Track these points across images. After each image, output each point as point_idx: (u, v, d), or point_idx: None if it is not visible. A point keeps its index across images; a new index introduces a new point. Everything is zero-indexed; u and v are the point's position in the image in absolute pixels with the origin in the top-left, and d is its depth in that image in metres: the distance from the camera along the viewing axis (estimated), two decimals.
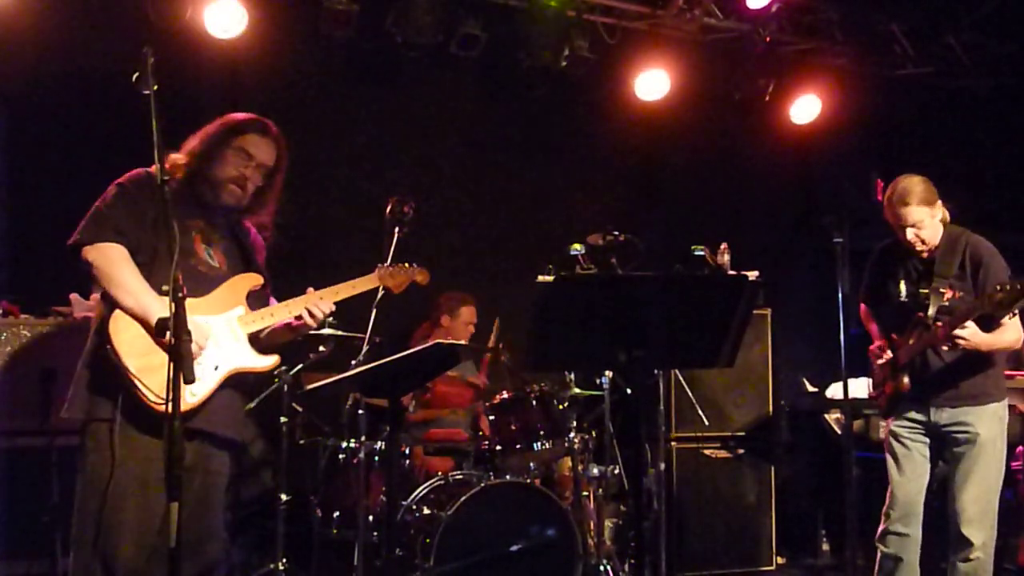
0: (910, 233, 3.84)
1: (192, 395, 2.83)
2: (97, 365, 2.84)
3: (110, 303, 2.83)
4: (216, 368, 2.93)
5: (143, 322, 2.78)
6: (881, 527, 3.93)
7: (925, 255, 3.89)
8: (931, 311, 3.73)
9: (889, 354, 4.00)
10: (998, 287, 3.52)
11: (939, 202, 3.87)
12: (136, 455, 2.76)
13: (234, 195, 3.10)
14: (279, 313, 3.10)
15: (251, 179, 3.11)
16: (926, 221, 3.83)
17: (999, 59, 6.86)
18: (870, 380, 4.18)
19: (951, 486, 3.82)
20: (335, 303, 3.20)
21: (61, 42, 5.22)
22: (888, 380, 3.99)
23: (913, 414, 3.91)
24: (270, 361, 3.09)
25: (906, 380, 3.89)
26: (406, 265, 3.50)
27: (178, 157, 3.09)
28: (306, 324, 3.15)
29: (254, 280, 3.12)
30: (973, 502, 3.74)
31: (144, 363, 2.76)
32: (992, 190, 6.77)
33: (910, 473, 3.90)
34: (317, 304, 3.13)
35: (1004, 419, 3.85)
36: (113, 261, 2.84)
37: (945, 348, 3.73)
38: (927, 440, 3.90)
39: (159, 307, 2.71)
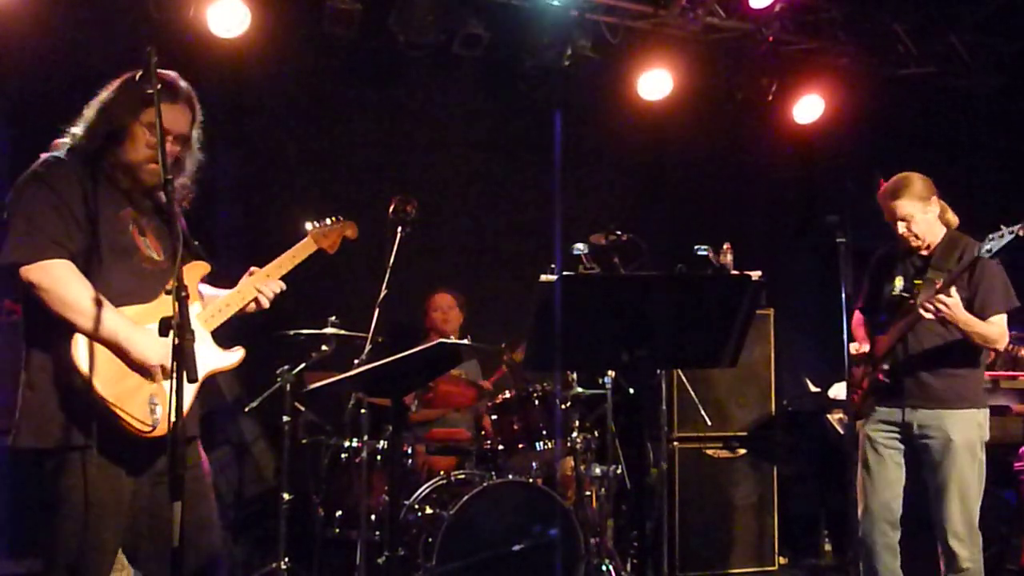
0: (901, 227, 3.84)
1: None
2: (59, 390, 2.61)
3: (62, 324, 2.58)
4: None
5: (109, 345, 2.59)
6: (859, 533, 3.89)
7: (924, 252, 3.88)
8: (920, 298, 3.71)
9: (866, 347, 3.97)
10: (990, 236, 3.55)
11: (934, 199, 3.85)
12: (109, 478, 2.64)
13: (155, 174, 2.72)
14: (234, 301, 2.95)
15: (169, 153, 2.70)
16: (917, 216, 3.82)
17: (1002, 59, 6.85)
18: (846, 383, 4.10)
19: (931, 496, 3.78)
20: (285, 275, 3.06)
21: (63, 42, 5.22)
22: (865, 376, 3.95)
23: (887, 413, 3.87)
24: (237, 356, 2.92)
25: (885, 367, 3.86)
26: (333, 220, 3.34)
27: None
28: (259, 305, 3.00)
29: (202, 269, 2.93)
30: (955, 515, 3.70)
31: (120, 390, 2.60)
32: (995, 189, 6.76)
33: (882, 481, 3.86)
34: (267, 283, 2.98)
35: (983, 426, 3.79)
36: (63, 282, 2.57)
37: (925, 318, 3.65)
38: (902, 447, 3.87)
39: (124, 325, 2.61)
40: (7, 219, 2.66)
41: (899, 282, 3.93)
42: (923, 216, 3.83)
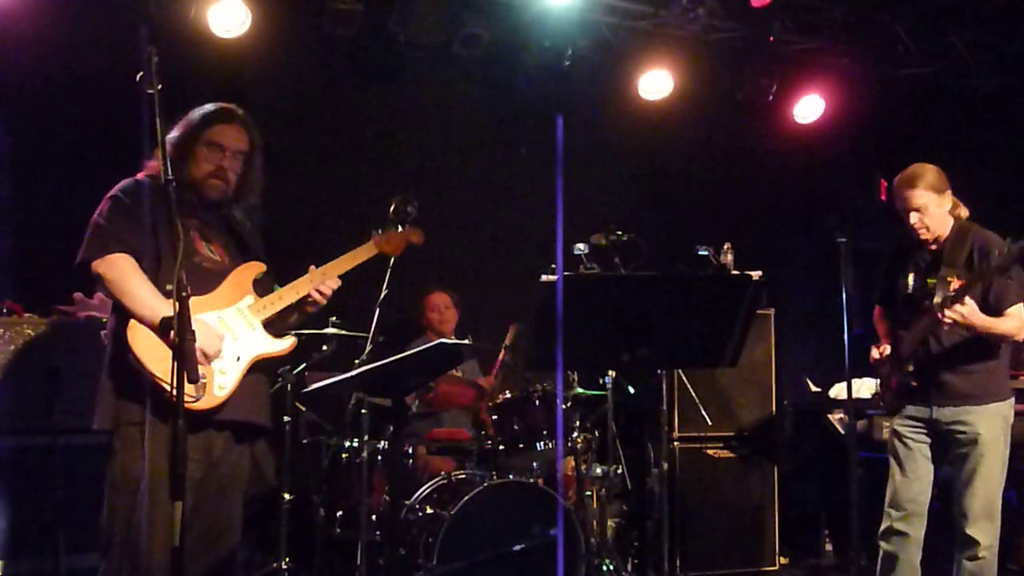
0: (913, 217, 3.81)
1: (220, 388, 2.90)
2: (120, 373, 2.89)
3: (124, 312, 2.87)
4: (239, 359, 2.99)
5: (155, 330, 2.81)
6: (883, 525, 3.93)
7: (933, 247, 3.87)
8: (936, 299, 3.71)
9: (887, 348, 3.99)
10: (997, 252, 3.55)
11: (948, 192, 3.85)
12: (165, 452, 2.73)
13: (217, 189, 3.12)
14: (287, 295, 3.14)
15: (230, 168, 3.13)
16: (931, 208, 3.81)
17: (1003, 58, 6.84)
18: (877, 381, 4.16)
19: (955, 487, 3.81)
20: (339, 277, 3.22)
21: (63, 42, 5.22)
22: (892, 375, 3.98)
23: (915, 411, 3.89)
24: (287, 344, 3.13)
25: (910, 369, 3.88)
26: (399, 228, 3.46)
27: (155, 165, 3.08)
28: (316, 302, 3.18)
29: (257, 268, 3.16)
30: (978, 503, 3.73)
31: (167, 366, 2.73)
32: (997, 189, 6.75)
33: (911, 473, 3.89)
34: (324, 281, 3.16)
35: (1008, 418, 3.83)
36: (122, 272, 2.88)
37: (945, 328, 3.70)
38: (929, 440, 3.88)
39: (171, 311, 2.73)
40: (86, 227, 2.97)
41: (911, 279, 3.93)
42: (936, 209, 3.82)
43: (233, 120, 3.16)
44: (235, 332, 3.01)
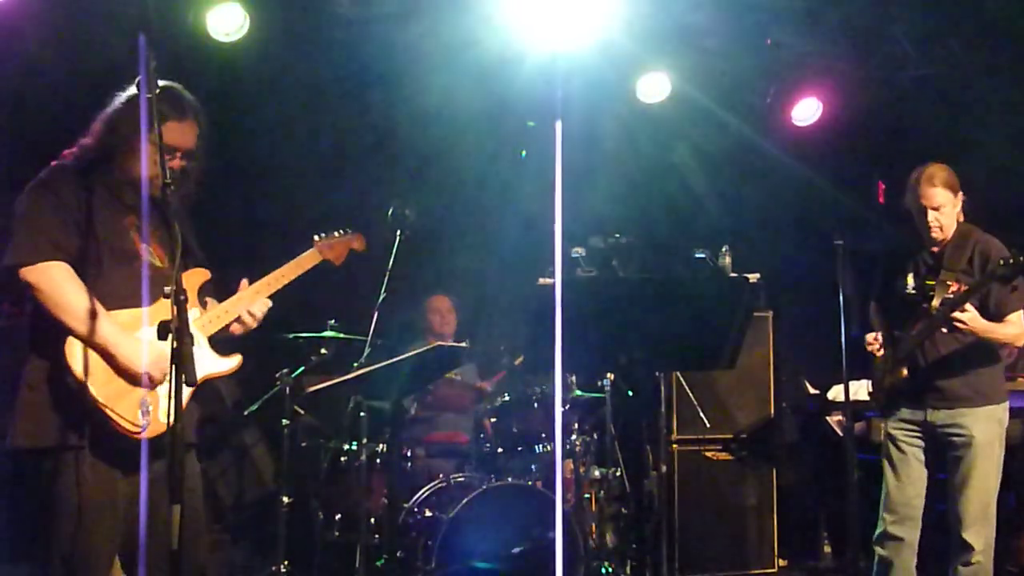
0: (931, 216, 3.81)
1: (167, 415, 2.60)
2: (54, 390, 2.65)
3: (58, 326, 2.63)
4: None
5: (97, 349, 2.63)
6: (877, 530, 3.92)
7: (935, 248, 3.88)
8: (935, 302, 3.72)
9: (880, 337, 3.98)
10: (1000, 260, 3.55)
11: (961, 194, 3.87)
12: (104, 479, 2.66)
13: (160, 188, 2.69)
14: (233, 308, 2.95)
15: (177, 168, 2.82)
16: (947, 208, 3.82)
17: (1003, 62, 6.85)
18: (870, 381, 4.15)
19: (949, 490, 3.81)
20: (287, 284, 3.06)
21: (63, 43, 5.22)
22: (887, 375, 3.97)
23: (909, 414, 3.88)
24: (234, 362, 2.94)
25: (904, 371, 3.87)
26: (340, 233, 3.37)
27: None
28: (246, 324, 2.97)
29: (202, 276, 2.96)
30: (973, 507, 3.73)
31: (111, 391, 2.64)
32: (995, 192, 6.75)
33: (905, 477, 3.88)
34: (253, 302, 2.96)
35: (1003, 422, 3.82)
36: (58, 284, 2.63)
37: (944, 331, 3.71)
38: (923, 444, 3.88)
39: (112, 331, 2.64)
40: (12, 224, 2.72)
41: (910, 279, 3.93)
42: (951, 209, 3.84)
43: (186, 116, 2.86)
44: None
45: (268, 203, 5.82)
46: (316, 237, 3.30)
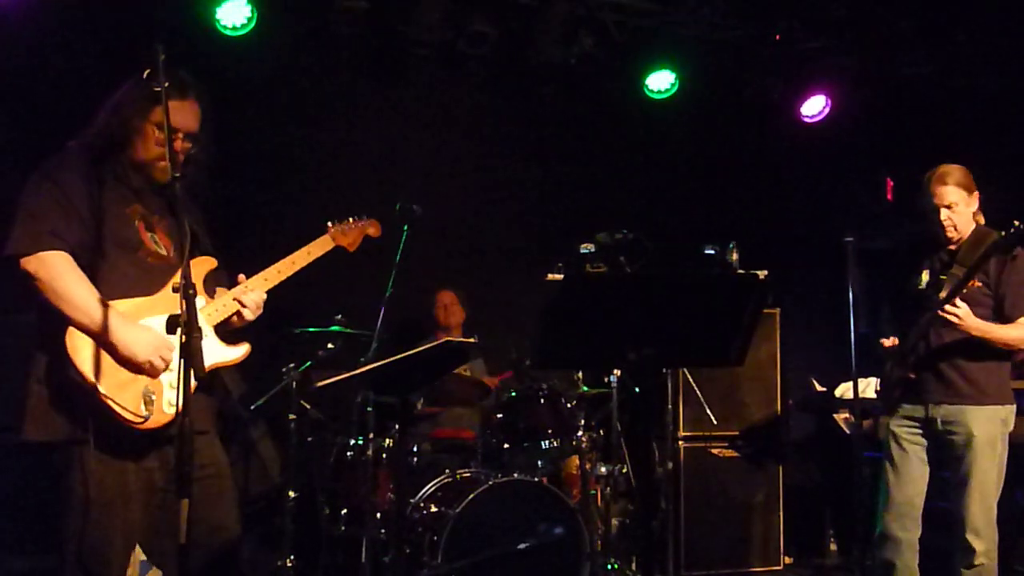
0: (944, 214, 3.80)
1: (170, 405, 2.67)
2: (58, 383, 2.63)
3: (59, 316, 2.60)
4: None
5: (97, 339, 2.60)
6: (877, 529, 3.89)
7: (952, 246, 3.86)
8: (942, 294, 3.69)
9: (895, 340, 3.97)
10: (1001, 232, 3.54)
11: (976, 194, 3.85)
12: (112, 471, 2.65)
13: (165, 172, 2.73)
14: (239, 298, 2.91)
15: (180, 151, 2.80)
16: (960, 206, 3.81)
17: (1009, 58, 6.82)
18: (878, 379, 4.13)
19: (951, 491, 3.78)
20: (300, 270, 3.01)
21: (64, 41, 5.22)
22: (894, 370, 3.96)
23: (911, 410, 3.86)
24: (241, 351, 2.91)
25: (910, 362, 3.86)
26: (354, 219, 3.31)
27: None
28: (243, 316, 2.91)
29: (208, 264, 2.92)
30: (973, 508, 3.69)
31: (113, 381, 2.61)
32: (999, 190, 6.72)
33: (906, 476, 3.86)
34: (246, 293, 2.91)
35: (1007, 423, 3.77)
36: (58, 273, 2.60)
37: (944, 323, 3.67)
38: (925, 442, 3.85)
39: (113, 321, 2.60)
40: (13, 212, 2.69)
41: (925, 276, 3.91)
42: (965, 208, 3.83)
43: (187, 96, 2.82)
44: None
45: (274, 196, 5.81)
46: (329, 223, 3.25)
